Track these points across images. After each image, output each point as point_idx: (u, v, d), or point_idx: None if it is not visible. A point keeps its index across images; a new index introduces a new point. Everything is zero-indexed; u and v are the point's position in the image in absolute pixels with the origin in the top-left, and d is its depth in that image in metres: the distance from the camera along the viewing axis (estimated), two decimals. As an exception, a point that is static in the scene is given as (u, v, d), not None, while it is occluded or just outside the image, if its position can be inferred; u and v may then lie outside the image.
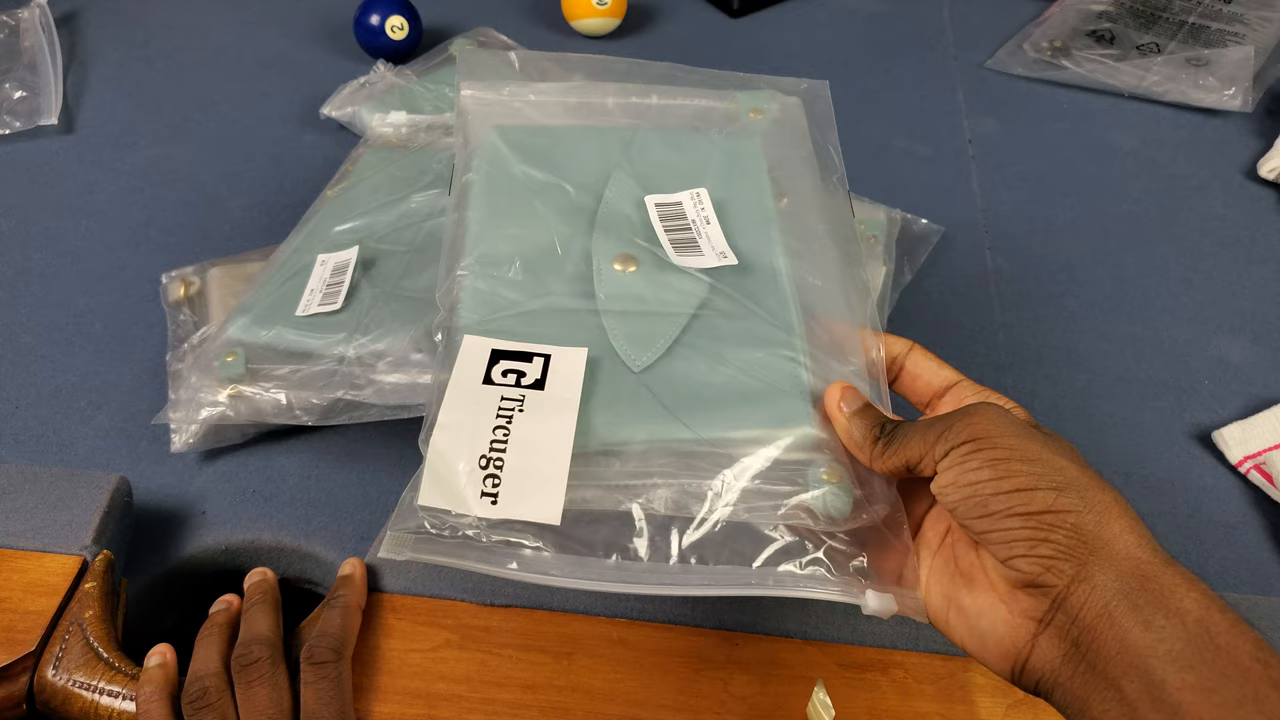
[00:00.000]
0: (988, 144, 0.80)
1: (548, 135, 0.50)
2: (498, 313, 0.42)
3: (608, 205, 0.46)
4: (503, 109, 0.51)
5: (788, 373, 0.40)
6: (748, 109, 0.52)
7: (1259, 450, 0.55)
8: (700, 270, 0.43)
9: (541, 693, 0.41)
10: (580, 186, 0.47)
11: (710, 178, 0.48)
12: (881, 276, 0.63)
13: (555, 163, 0.48)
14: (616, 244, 0.44)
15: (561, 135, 0.50)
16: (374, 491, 0.54)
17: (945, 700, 0.41)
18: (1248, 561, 0.52)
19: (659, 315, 0.42)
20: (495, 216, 0.46)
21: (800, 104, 0.53)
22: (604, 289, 0.43)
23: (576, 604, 0.44)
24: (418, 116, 0.72)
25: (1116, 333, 0.64)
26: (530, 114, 0.52)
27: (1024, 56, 0.88)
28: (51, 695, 0.41)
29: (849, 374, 0.40)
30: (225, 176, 0.76)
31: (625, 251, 0.44)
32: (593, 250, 0.44)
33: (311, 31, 0.92)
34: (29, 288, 0.66)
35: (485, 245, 0.44)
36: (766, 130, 0.52)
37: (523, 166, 0.48)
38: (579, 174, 0.48)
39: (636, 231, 0.45)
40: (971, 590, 0.34)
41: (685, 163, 0.49)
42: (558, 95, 0.52)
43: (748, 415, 0.38)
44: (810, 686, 0.41)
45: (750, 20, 0.95)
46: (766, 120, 0.52)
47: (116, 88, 0.85)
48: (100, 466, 0.54)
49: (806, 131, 0.52)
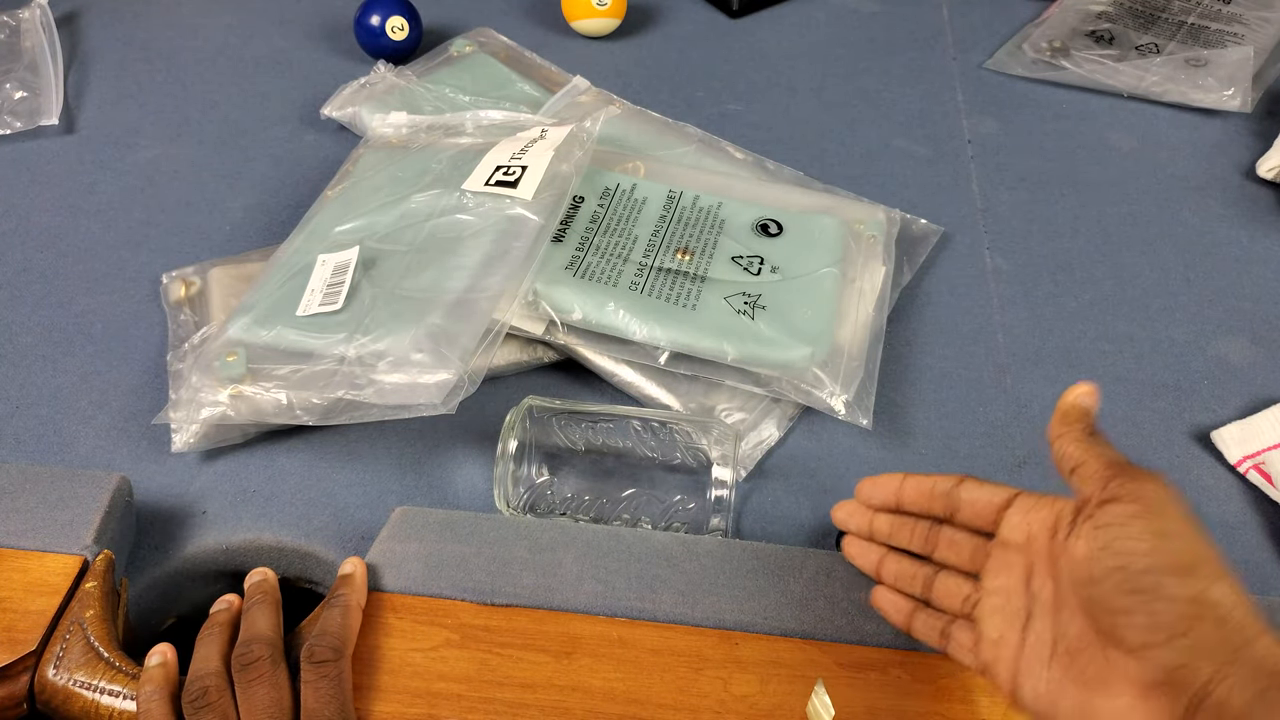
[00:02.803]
0: (987, 144, 0.80)
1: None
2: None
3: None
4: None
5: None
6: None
7: (1258, 450, 0.55)
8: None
9: (542, 692, 0.41)
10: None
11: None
12: (881, 276, 0.63)
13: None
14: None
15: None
16: (374, 491, 0.54)
17: (945, 700, 0.41)
18: (1247, 561, 0.52)
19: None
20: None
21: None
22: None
23: (577, 603, 0.44)
24: (418, 117, 0.72)
25: (1116, 333, 0.64)
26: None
27: (1023, 57, 0.88)
28: (52, 695, 0.41)
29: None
30: (226, 177, 0.76)
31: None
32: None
33: (312, 32, 0.92)
34: (30, 287, 0.66)
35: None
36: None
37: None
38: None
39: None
40: (1108, 693, 0.31)
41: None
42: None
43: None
44: (810, 686, 0.42)
45: (750, 20, 0.95)
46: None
47: (117, 88, 0.85)
48: (101, 466, 0.54)
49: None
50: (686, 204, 0.66)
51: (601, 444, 0.51)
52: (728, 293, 0.59)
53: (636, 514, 0.50)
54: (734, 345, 0.56)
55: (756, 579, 0.45)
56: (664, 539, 0.46)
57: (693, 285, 0.60)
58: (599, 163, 0.68)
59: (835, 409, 0.56)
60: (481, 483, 0.55)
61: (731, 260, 0.62)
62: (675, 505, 0.50)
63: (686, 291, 0.59)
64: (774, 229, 0.64)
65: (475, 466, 0.55)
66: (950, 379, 0.61)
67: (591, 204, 0.64)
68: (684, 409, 0.57)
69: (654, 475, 0.50)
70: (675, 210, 0.65)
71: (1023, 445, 0.57)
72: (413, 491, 0.54)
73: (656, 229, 0.63)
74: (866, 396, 0.58)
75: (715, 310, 0.58)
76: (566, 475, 0.51)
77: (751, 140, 0.78)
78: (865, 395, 0.58)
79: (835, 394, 0.56)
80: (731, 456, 0.50)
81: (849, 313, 0.61)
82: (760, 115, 0.83)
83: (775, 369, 0.57)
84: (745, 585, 0.45)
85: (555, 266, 0.59)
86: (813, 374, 0.56)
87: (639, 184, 0.67)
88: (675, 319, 0.57)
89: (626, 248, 0.62)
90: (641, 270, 0.60)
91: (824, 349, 0.57)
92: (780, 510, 0.54)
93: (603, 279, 0.59)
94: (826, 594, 0.45)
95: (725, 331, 0.57)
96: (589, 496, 0.50)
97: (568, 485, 0.50)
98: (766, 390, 0.57)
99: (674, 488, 0.50)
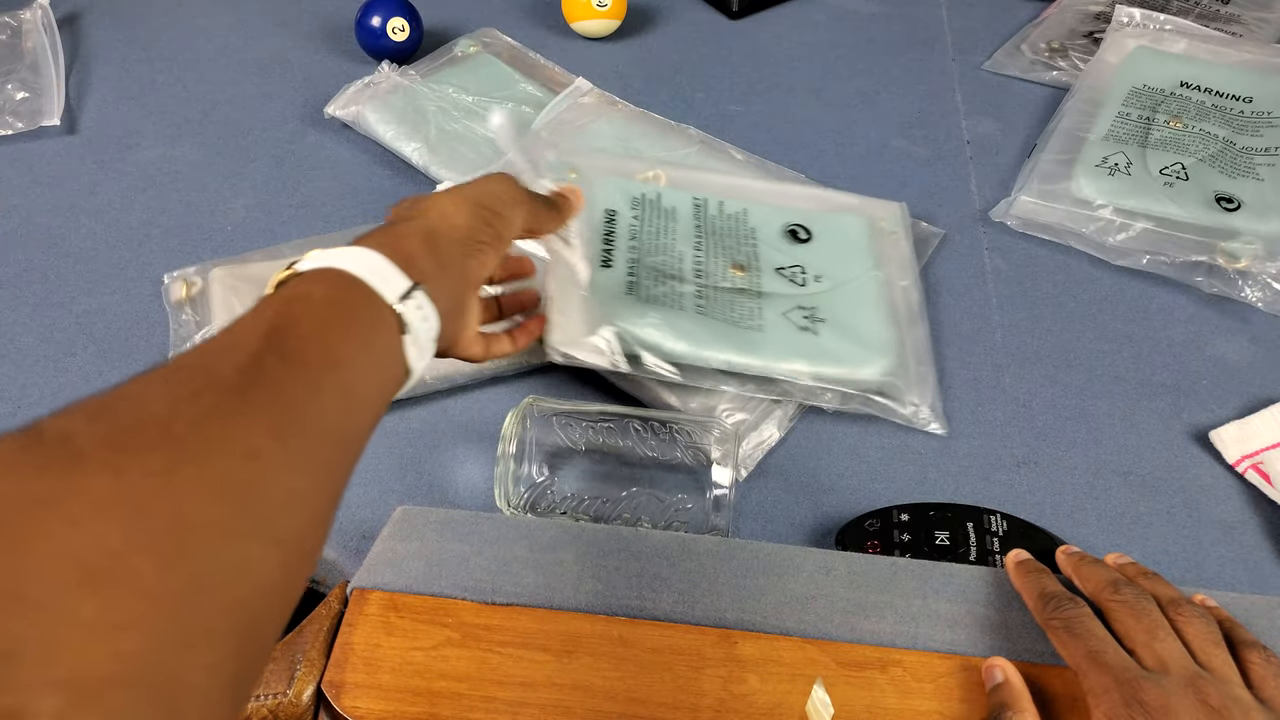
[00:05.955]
0: (986, 145, 0.80)
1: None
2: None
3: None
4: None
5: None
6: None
7: (1256, 450, 0.56)
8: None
9: (542, 691, 0.42)
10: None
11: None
12: (913, 272, 0.65)
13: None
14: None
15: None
16: (374, 491, 0.54)
17: (944, 699, 0.42)
18: (1245, 561, 0.52)
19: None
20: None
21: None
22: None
23: (577, 603, 0.44)
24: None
25: (1115, 333, 0.64)
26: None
27: (1022, 58, 0.89)
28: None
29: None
30: (227, 177, 0.76)
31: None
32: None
33: (313, 33, 0.92)
34: (31, 288, 0.66)
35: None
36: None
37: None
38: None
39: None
40: None
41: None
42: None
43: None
44: (809, 685, 0.42)
45: (750, 21, 0.95)
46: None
47: (119, 88, 0.85)
48: (102, 466, 0.54)
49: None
50: (714, 212, 0.65)
51: (602, 444, 0.51)
52: (784, 308, 0.59)
53: (637, 514, 0.50)
54: (810, 364, 0.56)
55: (756, 578, 0.45)
56: (664, 538, 0.47)
57: (753, 304, 0.58)
58: (621, 172, 0.67)
59: (919, 418, 0.56)
60: (482, 482, 0.55)
61: (776, 272, 0.61)
62: (676, 505, 0.50)
63: (749, 311, 0.58)
64: (803, 234, 0.64)
65: (475, 466, 0.56)
66: (950, 379, 0.61)
67: (626, 217, 0.63)
68: (684, 409, 0.57)
69: (654, 475, 0.50)
70: (705, 219, 0.64)
71: (1023, 445, 0.57)
72: (413, 491, 0.54)
73: (697, 242, 0.62)
74: (938, 400, 0.58)
75: (780, 328, 0.57)
76: (567, 475, 0.51)
77: (752, 141, 0.78)
78: (937, 399, 0.58)
79: (916, 404, 0.56)
80: (732, 456, 0.51)
81: (900, 315, 0.61)
82: (760, 116, 0.83)
83: (853, 386, 0.56)
84: (745, 584, 0.45)
85: (614, 292, 0.57)
86: (892, 385, 0.56)
87: (663, 192, 0.65)
88: (748, 343, 0.56)
89: (675, 265, 0.60)
90: (702, 292, 0.58)
91: (894, 358, 0.57)
92: (780, 510, 0.54)
93: (666, 303, 0.57)
94: (826, 593, 0.45)
95: (796, 351, 0.56)
96: (589, 496, 0.50)
97: (568, 485, 0.50)
98: (842, 407, 0.57)
99: (674, 487, 0.50)
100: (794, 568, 0.46)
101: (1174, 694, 0.35)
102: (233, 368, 0.28)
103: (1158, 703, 0.35)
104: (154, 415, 0.25)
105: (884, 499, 0.54)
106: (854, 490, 0.55)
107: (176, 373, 0.27)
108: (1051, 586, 0.42)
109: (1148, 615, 0.39)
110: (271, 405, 0.28)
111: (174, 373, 0.27)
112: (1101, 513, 0.54)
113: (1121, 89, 0.79)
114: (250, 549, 0.25)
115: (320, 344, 0.31)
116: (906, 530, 0.50)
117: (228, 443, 0.26)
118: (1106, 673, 0.37)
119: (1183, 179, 0.70)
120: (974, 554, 0.49)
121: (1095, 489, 0.55)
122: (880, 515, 0.51)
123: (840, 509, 0.54)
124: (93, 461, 0.23)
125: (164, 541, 0.23)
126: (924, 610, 0.44)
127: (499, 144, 0.56)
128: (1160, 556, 0.52)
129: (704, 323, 0.57)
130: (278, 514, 0.26)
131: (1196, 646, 0.38)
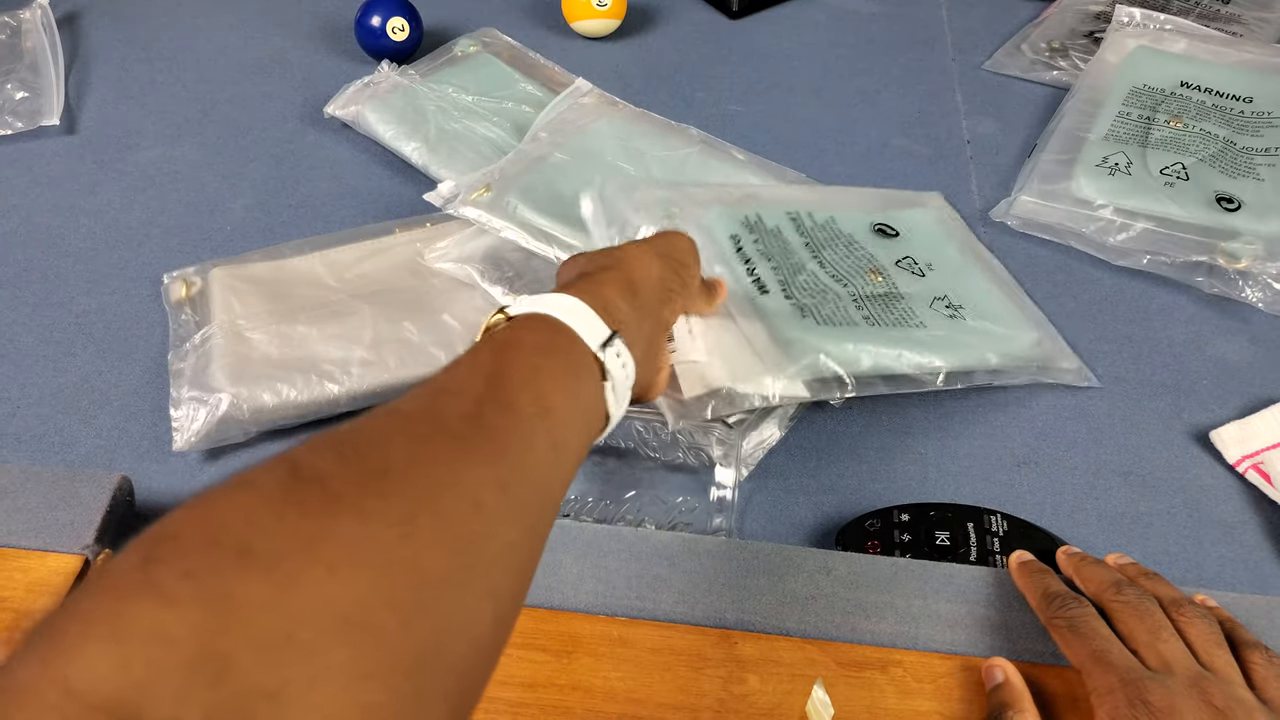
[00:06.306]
0: (986, 144, 0.80)
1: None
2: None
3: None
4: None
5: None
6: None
7: (1257, 450, 0.56)
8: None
9: (542, 691, 0.42)
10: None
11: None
12: (982, 248, 0.67)
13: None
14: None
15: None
16: (375, 491, 0.54)
17: (944, 699, 0.42)
18: (1245, 561, 0.52)
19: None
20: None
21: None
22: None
23: (577, 603, 0.44)
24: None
25: (1115, 333, 0.64)
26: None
27: (1022, 58, 0.89)
28: (54, 693, 0.41)
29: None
30: (227, 177, 0.76)
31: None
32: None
33: (312, 32, 0.92)
34: (30, 288, 0.66)
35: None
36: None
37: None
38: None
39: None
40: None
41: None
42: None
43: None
44: (809, 685, 0.42)
45: (750, 21, 0.95)
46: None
47: (118, 88, 0.85)
48: (102, 466, 0.54)
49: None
50: (809, 224, 0.63)
51: (603, 445, 0.51)
52: (927, 301, 0.59)
53: (640, 515, 0.50)
54: (984, 350, 0.57)
55: (756, 578, 0.45)
56: (664, 538, 0.47)
57: (903, 304, 0.58)
58: (717, 200, 0.64)
59: (1078, 376, 0.60)
60: (482, 482, 0.55)
61: (897, 265, 0.61)
62: (678, 506, 0.50)
63: (904, 312, 0.57)
64: (890, 230, 0.64)
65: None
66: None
67: (748, 241, 0.61)
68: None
69: (656, 476, 0.50)
70: (806, 231, 0.63)
71: (1023, 445, 0.57)
72: (413, 491, 0.54)
73: (816, 256, 0.61)
74: (1074, 358, 0.61)
75: (938, 322, 0.57)
76: (567, 475, 0.51)
77: (752, 140, 0.78)
78: (1073, 357, 0.61)
79: (1071, 360, 0.60)
80: (733, 456, 0.50)
81: (1010, 287, 0.63)
82: (760, 115, 0.83)
83: (1020, 360, 0.58)
84: (745, 584, 0.45)
85: (787, 318, 0.55)
86: (1049, 349, 0.59)
87: (761, 212, 0.63)
88: (929, 343, 0.55)
89: (818, 281, 0.59)
90: (859, 302, 0.57)
91: (1033, 327, 0.60)
92: (781, 510, 0.54)
93: (837, 320, 0.56)
94: (826, 593, 0.45)
95: (965, 340, 0.57)
96: (592, 498, 0.50)
97: (571, 487, 0.50)
98: (1013, 381, 0.58)
99: (676, 488, 0.50)
100: (794, 568, 0.46)
101: (1179, 694, 0.35)
102: (458, 415, 0.28)
103: (1163, 703, 0.35)
104: (395, 461, 0.25)
105: (884, 499, 0.54)
106: (854, 490, 0.55)
107: (409, 417, 0.28)
108: (1055, 586, 0.42)
109: (1150, 616, 0.39)
110: (494, 456, 0.28)
111: (407, 417, 0.28)
112: (1101, 513, 0.54)
113: (1122, 89, 0.79)
114: (471, 604, 0.25)
115: (532, 391, 0.31)
116: (907, 530, 0.50)
117: (458, 492, 0.26)
118: (1111, 672, 0.37)
119: (1183, 179, 0.70)
120: (974, 554, 0.49)
121: (1095, 489, 0.55)
122: (880, 515, 0.51)
123: (840, 509, 0.54)
124: (346, 506, 0.23)
125: (405, 594, 0.23)
126: (924, 610, 0.44)
127: (588, 227, 0.58)
128: (1160, 557, 0.52)
129: (881, 332, 0.55)
130: (494, 568, 0.26)
131: (1199, 647, 0.38)
